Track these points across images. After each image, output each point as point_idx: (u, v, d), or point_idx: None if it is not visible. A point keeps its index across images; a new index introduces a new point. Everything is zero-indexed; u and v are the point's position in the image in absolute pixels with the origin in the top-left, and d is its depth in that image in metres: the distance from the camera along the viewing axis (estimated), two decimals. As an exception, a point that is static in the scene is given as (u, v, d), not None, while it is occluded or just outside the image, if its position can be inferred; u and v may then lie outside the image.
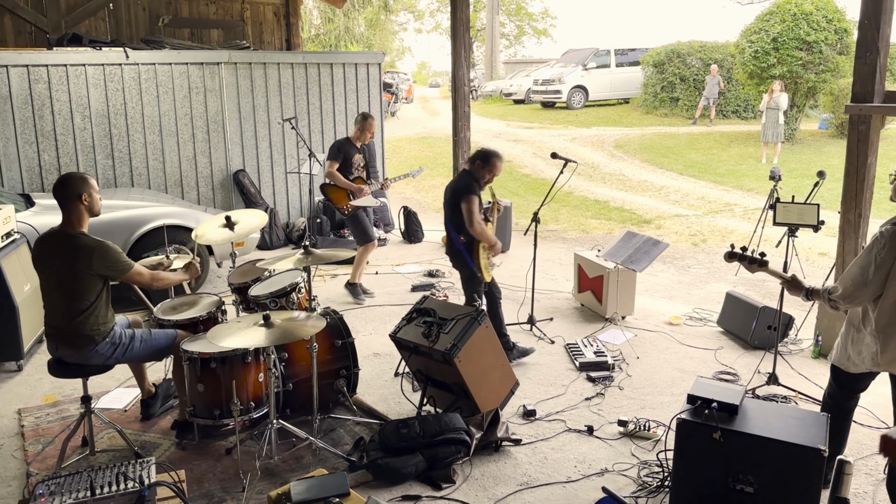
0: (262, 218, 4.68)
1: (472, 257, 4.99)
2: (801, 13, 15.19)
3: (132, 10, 10.30)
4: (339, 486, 3.19)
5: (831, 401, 3.52)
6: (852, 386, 3.46)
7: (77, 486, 2.89)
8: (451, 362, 3.93)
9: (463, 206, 4.87)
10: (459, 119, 8.47)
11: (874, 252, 3.22)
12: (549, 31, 38.33)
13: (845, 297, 3.30)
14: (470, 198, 4.87)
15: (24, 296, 5.11)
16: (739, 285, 6.87)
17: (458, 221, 4.96)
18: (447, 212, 5.08)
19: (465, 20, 8.26)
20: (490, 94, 27.52)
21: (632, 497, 3.55)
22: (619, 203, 11.24)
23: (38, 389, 4.82)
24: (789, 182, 10.14)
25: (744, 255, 3.62)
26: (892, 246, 3.17)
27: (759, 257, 3.59)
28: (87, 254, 3.59)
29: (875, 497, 3.55)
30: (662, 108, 20.13)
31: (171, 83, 8.13)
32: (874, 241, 3.25)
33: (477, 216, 4.87)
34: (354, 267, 6.62)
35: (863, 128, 4.85)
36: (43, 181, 7.57)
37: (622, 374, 5.00)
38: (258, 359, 3.91)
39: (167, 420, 4.32)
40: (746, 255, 3.61)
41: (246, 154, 8.76)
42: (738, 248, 3.67)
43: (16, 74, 7.31)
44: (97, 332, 3.68)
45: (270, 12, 11.59)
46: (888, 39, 4.84)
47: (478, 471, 3.81)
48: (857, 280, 3.26)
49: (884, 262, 3.18)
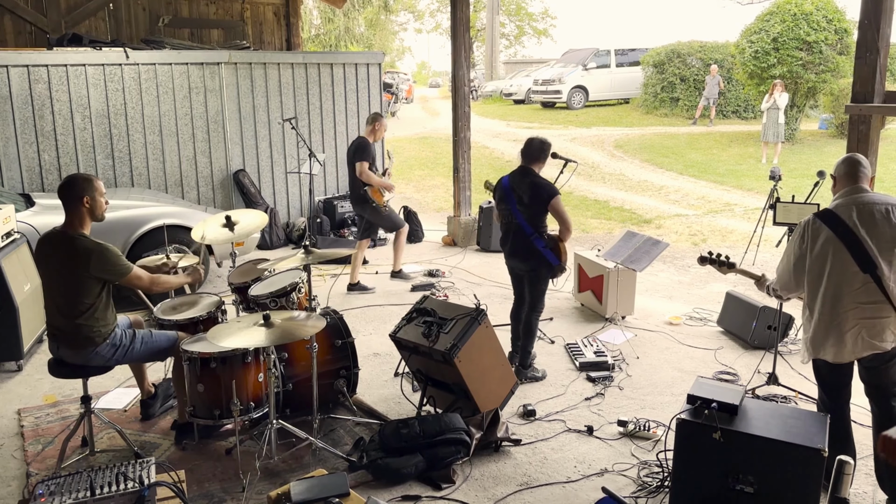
0: (262, 218, 4.68)
1: (558, 255, 4.81)
2: (801, 13, 15.20)
3: (132, 10, 10.29)
4: (339, 486, 3.19)
5: (822, 404, 3.57)
6: (831, 382, 3.48)
7: (77, 486, 2.89)
8: (451, 362, 3.93)
9: (556, 206, 4.73)
10: (459, 119, 8.46)
11: (793, 240, 3.46)
12: (549, 31, 38.39)
13: (780, 284, 3.56)
14: (558, 196, 4.76)
15: (24, 296, 5.11)
16: (739, 285, 6.87)
17: (540, 222, 4.79)
18: (525, 213, 4.77)
19: (465, 20, 8.26)
20: (490, 94, 27.51)
21: (632, 497, 3.55)
22: (619, 203, 11.24)
23: (38, 389, 4.81)
24: (789, 182, 10.13)
25: (714, 259, 3.96)
26: (805, 234, 3.39)
27: (726, 260, 3.93)
28: (86, 256, 3.58)
29: (875, 497, 3.56)
30: (662, 108, 20.12)
31: (171, 83, 8.13)
32: (795, 229, 3.49)
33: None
34: (397, 256, 7.09)
35: (863, 128, 4.85)
36: (43, 181, 7.57)
37: (622, 374, 5.00)
38: (258, 359, 3.91)
39: (167, 420, 4.32)
40: (716, 259, 3.95)
41: (246, 154, 8.76)
42: (706, 253, 4.01)
43: (16, 74, 7.31)
44: (97, 334, 3.68)
45: (270, 12, 11.59)
46: (888, 39, 4.84)
47: (478, 471, 3.81)
48: (783, 268, 3.51)
49: (801, 251, 3.39)
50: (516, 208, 4.79)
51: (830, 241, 3.29)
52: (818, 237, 3.33)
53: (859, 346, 3.27)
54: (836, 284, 3.28)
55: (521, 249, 4.83)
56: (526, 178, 4.81)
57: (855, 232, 3.25)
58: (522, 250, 4.83)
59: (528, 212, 4.76)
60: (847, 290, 3.26)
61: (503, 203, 4.90)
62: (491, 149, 16.25)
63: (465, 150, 8.50)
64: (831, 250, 3.28)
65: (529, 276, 4.90)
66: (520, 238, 4.82)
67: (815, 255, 3.34)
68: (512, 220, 4.84)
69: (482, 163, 14.14)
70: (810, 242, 3.36)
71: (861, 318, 3.25)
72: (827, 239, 3.30)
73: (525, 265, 4.88)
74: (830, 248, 3.29)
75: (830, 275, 3.29)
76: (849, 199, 3.35)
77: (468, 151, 8.57)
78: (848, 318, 3.26)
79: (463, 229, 8.59)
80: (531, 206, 4.75)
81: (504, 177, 4.96)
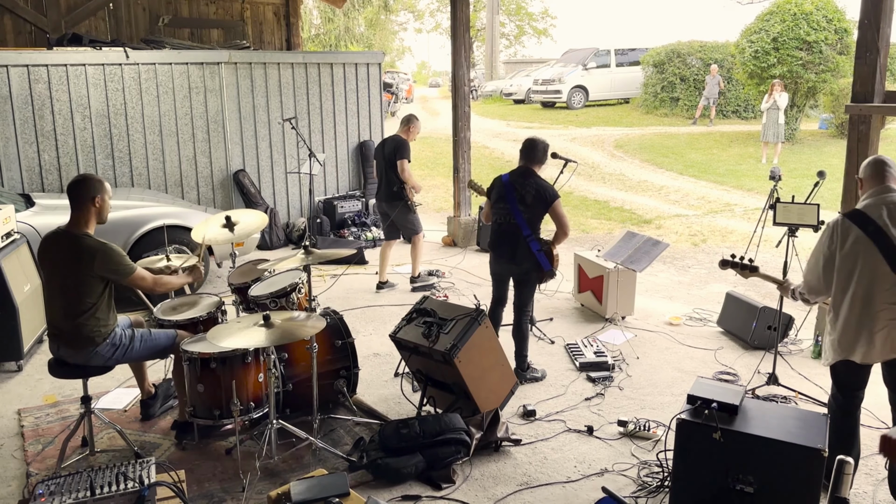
0: (263, 219, 4.68)
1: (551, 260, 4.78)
2: (801, 13, 15.19)
3: (132, 10, 10.29)
4: (339, 486, 3.19)
5: (834, 402, 3.54)
6: (847, 383, 3.46)
7: (77, 486, 2.89)
8: (451, 362, 3.93)
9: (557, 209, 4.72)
10: (459, 119, 8.47)
11: (822, 242, 3.40)
12: (549, 31, 38.35)
13: (808, 288, 3.50)
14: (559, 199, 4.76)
15: (24, 296, 5.11)
16: (739, 285, 6.87)
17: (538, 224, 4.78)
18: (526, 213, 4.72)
19: (465, 20, 8.26)
20: (490, 94, 27.51)
21: (632, 497, 3.56)
22: (619, 203, 11.24)
23: (38, 389, 4.82)
24: (789, 182, 10.12)
25: (735, 263, 3.88)
26: (834, 234, 3.33)
27: (749, 263, 3.85)
28: (90, 255, 3.59)
29: (875, 497, 3.55)
30: (662, 108, 20.12)
31: (171, 83, 8.13)
32: (823, 230, 3.43)
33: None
34: (416, 261, 7.00)
35: (863, 128, 4.85)
36: (43, 181, 7.57)
37: (622, 375, 5.00)
38: (258, 359, 3.91)
39: (167, 420, 4.32)
40: (738, 262, 3.87)
41: (246, 154, 8.76)
42: (729, 256, 3.93)
43: (16, 74, 7.31)
44: (98, 334, 3.68)
45: (270, 12, 11.59)
46: (888, 39, 4.84)
47: (478, 471, 3.81)
48: (811, 271, 3.45)
49: (830, 252, 3.33)
50: (517, 208, 4.71)
51: (861, 241, 3.24)
52: (847, 237, 3.28)
53: (888, 348, 3.24)
54: (866, 285, 3.23)
55: (516, 251, 4.75)
56: (529, 178, 4.76)
57: (886, 231, 3.20)
58: (517, 252, 4.75)
59: (529, 212, 4.70)
60: (878, 290, 3.21)
61: (502, 202, 4.80)
62: (491, 149, 16.26)
63: (465, 150, 8.50)
64: (861, 250, 3.24)
65: (520, 278, 4.84)
66: (515, 239, 4.74)
67: (845, 255, 3.28)
68: (509, 220, 4.75)
69: (482, 163, 14.14)
70: (839, 242, 3.30)
71: (891, 319, 3.21)
72: (857, 239, 3.25)
73: (518, 267, 4.80)
74: (861, 248, 3.24)
75: (861, 275, 3.24)
76: (878, 199, 3.30)
77: (468, 151, 8.57)
78: (878, 318, 3.22)
79: (463, 229, 8.59)
80: (534, 207, 4.70)
81: (503, 175, 4.88)
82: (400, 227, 6.96)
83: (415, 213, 6.85)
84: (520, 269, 4.80)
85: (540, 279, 4.88)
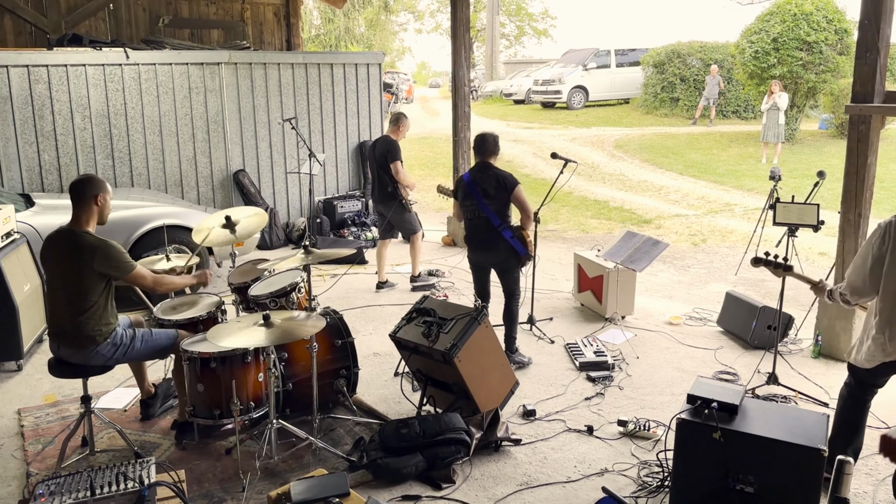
0: (263, 218, 4.68)
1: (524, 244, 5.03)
2: (801, 13, 15.20)
3: (132, 10, 10.30)
4: (339, 486, 3.19)
5: (847, 391, 3.50)
6: (869, 381, 3.44)
7: (77, 486, 2.89)
8: (451, 362, 3.93)
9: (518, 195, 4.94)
10: (459, 119, 8.47)
11: (871, 242, 3.33)
12: (549, 31, 38.41)
13: (851, 289, 3.42)
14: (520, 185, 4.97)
15: (24, 296, 5.11)
16: (739, 285, 6.87)
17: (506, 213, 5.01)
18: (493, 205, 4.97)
19: (465, 20, 8.26)
20: (490, 95, 27.52)
21: (632, 497, 3.55)
22: (618, 203, 11.24)
23: (38, 389, 4.82)
24: (789, 182, 10.14)
25: (769, 261, 3.83)
26: (885, 235, 3.28)
27: (784, 262, 3.80)
28: (90, 252, 3.60)
29: (875, 497, 3.55)
30: (662, 108, 20.13)
31: (171, 83, 8.13)
32: (873, 231, 3.36)
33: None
34: (415, 261, 6.97)
35: (863, 128, 4.85)
36: (43, 181, 7.57)
37: (622, 374, 5.00)
38: (258, 359, 3.91)
39: (167, 420, 4.32)
40: (772, 261, 3.82)
41: (246, 154, 8.76)
42: (762, 254, 3.88)
43: (16, 74, 7.31)
44: (98, 333, 3.69)
45: (270, 12, 11.59)
46: (888, 39, 4.84)
47: (478, 471, 3.81)
48: (858, 271, 3.37)
49: (881, 252, 3.27)
50: (483, 202, 4.97)
51: None
52: None
53: None
54: None
55: (491, 242, 5.03)
56: (488, 171, 5.03)
57: None
58: (492, 243, 5.02)
59: (494, 204, 4.96)
60: None
61: (469, 199, 5.07)
62: (491, 149, 16.22)
63: (465, 150, 8.50)
64: None
65: (501, 266, 5.13)
66: (488, 231, 5.00)
67: None
68: (479, 215, 5.02)
69: (482, 163, 14.11)
70: (892, 244, 3.25)
71: None
72: None
73: (495, 257, 5.08)
74: None
75: None
76: None
77: (468, 152, 8.56)
78: None
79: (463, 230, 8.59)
80: (497, 197, 4.96)
81: (464, 174, 5.18)
82: (397, 226, 6.96)
83: (411, 212, 6.85)
84: (497, 258, 5.08)
85: (519, 264, 5.11)
